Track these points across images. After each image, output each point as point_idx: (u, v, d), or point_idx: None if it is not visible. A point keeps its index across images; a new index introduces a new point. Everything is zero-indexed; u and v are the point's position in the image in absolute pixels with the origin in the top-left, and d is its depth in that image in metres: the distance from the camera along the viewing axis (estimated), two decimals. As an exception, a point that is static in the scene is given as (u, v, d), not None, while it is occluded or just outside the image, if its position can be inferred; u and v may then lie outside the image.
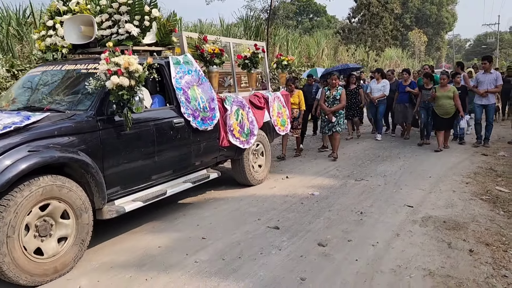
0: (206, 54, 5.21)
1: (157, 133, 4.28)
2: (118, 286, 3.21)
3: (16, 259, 3.03)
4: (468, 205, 4.92)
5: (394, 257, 3.58)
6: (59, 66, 4.42)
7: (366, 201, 5.21)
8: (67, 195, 3.34)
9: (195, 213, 4.94)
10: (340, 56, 27.36)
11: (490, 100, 8.60)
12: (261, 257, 3.67)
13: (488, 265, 3.41)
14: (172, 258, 3.71)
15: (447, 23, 57.21)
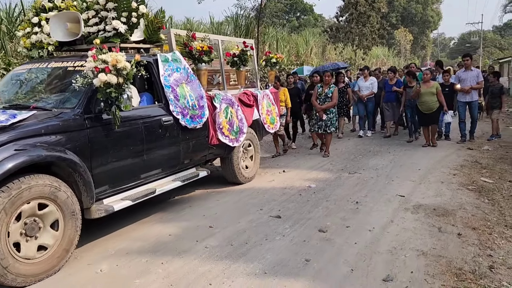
0: (194, 52, 5.18)
1: (145, 132, 4.23)
2: (136, 269, 3.45)
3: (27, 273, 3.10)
4: (456, 194, 5.25)
5: (390, 240, 3.88)
6: (45, 64, 4.37)
7: (361, 192, 5.50)
8: (56, 195, 3.31)
9: (200, 205, 5.19)
10: (328, 54, 27.72)
11: (473, 97, 8.70)
12: (266, 243, 3.93)
13: (475, 246, 3.73)
14: (183, 244, 3.95)
15: (432, 21, 58.12)
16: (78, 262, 3.63)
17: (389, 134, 9.99)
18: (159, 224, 4.52)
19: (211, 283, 3.16)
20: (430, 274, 3.20)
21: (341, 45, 29.79)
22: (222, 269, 3.38)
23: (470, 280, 3.11)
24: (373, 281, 3.11)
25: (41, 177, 3.24)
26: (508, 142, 8.82)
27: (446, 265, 3.35)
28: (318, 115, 7.90)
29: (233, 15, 20.90)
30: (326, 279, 3.18)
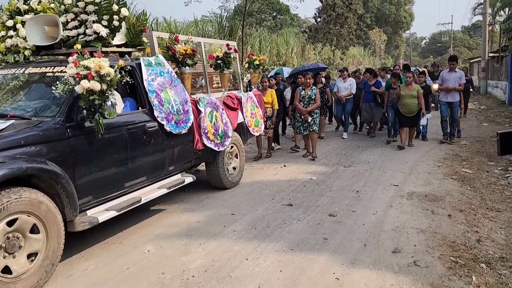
0: (178, 55, 5.04)
1: (130, 139, 4.07)
2: (179, 249, 3.89)
3: None
4: (442, 183, 5.91)
5: (392, 221, 4.47)
6: (21, 69, 4.12)
7: (359, 183, 6.09)
8: (36, 209, 3.11)
9: (216, 196, 5.58)
10: (308, 54, 28.42)
11: (455, 97, 8.81)
12: (285, 226, 4.46)
13: (463, 225, 4.36)
14: (213, 229, 4.38)
15: (405, 22, 59.87)
16: (124, 246, 4.01)
17: (374, 134, 10.08)
18: (186, 213, 4.94)
19: (247, 258, 3.66)
20: (430, 246, 3.80)
21: (319, 45, 30.60)
22: (253, 248, 3.90)
23: (462, 250, 3.72)
24: (384, 253, 3.69)
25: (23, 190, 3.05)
26: (483, 137, 9.57)
27: (442, 239, 3.96)
28: (303, 117, 7.85)
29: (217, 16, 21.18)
30: (344, 253, 3.73)
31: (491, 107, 16.29)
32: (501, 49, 19.53)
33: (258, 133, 6.90)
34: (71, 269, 3.55)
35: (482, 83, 23.05)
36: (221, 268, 3.47)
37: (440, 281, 3.14)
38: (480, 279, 3.18)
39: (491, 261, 3.48)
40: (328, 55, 30.32)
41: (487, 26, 22.94)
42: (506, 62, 17.42)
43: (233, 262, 3.57)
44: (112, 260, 3.71)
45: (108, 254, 3.84)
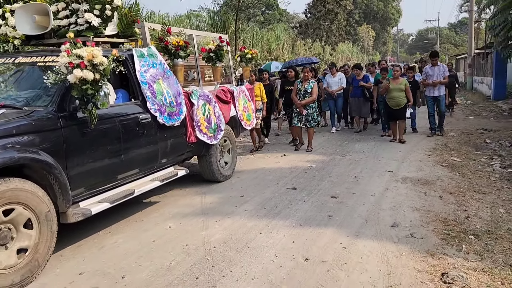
0: (170, 47, 4.98)
1: (123, 130, 4.03)
2: (197, 226, 4.24)
3: None
4: (433, 170, 6.36)
5: (389, 201, 4.88)
6: (11, 59, 4.02)
7: (356, 169, 6.50)
8: (27, 199, 3.06)
9: (223, 182, 5.97)
10: (298, 50, 28.80)
11: (441, 91, 8.98)
12: (292, 206, 4.84)
13: (454, 205, 4.79)
14: (226, 209, 4.75)
15: (392, 18, 60.74)
16: (146, 223, 4.36)
17: (359, 129, 10.12)
18: (198, 196, 5.29)
19: (261, 233, 4.03)
20: (424, 222, 4.23)
21: (309, 40, 30.99)
22: (265, 224, 4.27)
23: (453, 225, 4.15)
24: (384, 227, 4.10)
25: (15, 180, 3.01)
26: (469, 129, 10.09)
27: (435, 216, 4.39)
28: (298, 110, 7.94)
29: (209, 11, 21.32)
30: (348, 227, 4.13)
31: (477, 102, 16.90)
32: (486, 46, 20.17)
33: (250, 127, 6.90)
34: (101, 242, 3.89)
35: (468, 79, 23.73)
36: (239, 240, 3.84)
37: (435, 249, 3.56)
38: (469, 247, 3.61)
39: (479, 234, 3.90)
40: (318, 51, 30.76)
41: (473, 23, 23.59)
42: (491, 59, 18.06)
43: (249, 236, 3.95)
44: (138, 235, 4.05)
45: (132, 229, 4.19)
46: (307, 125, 7.97)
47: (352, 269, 3.23)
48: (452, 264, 3.28)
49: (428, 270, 3.20)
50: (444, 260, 3.35)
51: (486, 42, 20.98)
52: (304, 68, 8.43)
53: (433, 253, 3.48)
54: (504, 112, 13.39)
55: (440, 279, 3.05)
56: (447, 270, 3.17)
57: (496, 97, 16.74)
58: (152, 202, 5.05)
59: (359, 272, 3.18)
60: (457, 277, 3.05)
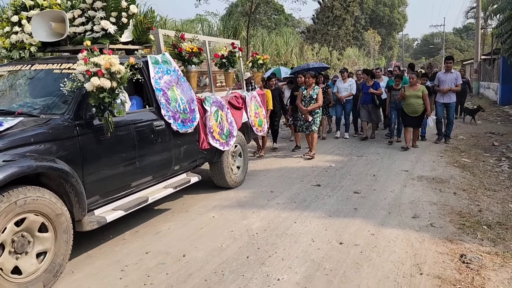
0: (184, 53, 5.00)
1: (137, 137, 4.04)
2: (237, 216, 4.72)
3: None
4: (446, 169, 6.83)
5: (408, 196, 5.35)
6: (27, 66, 4.04)
7: (373, 169, 6.97)
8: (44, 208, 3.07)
9: (252, 179, 6.37)
10: (306, 55, 29.27)
11: (451, 98, 8.92)
12: (319, 200, 5.32)
13: (467, 200, 5.26)
14: (259, 202, 5.22)
15: (398, 24, 61.22)
16: (190, 213, 4.86)
17: (365, 135, 9.88)
18: (231, 191, 5.74)
19: (295, 222, 4.52)
20: (442, 214, 4.70)
21: (317, 45, 31.48)
22: (298, 215, 4.75)
23: (468, 217, 4.62)
24: (406, 218, 4.57)
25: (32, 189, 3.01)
26: (477, 133, 10.53)
27: (451, 209, 4.86)
28: (304, 117, 7.98)
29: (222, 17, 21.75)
30: (373, 218, 4.60)
31: (484, 107, 17.30)
32: (493, 52, 20.62)
33: (262, 133, 6.92)
34: (156, 228, 4.39)
35: (474, 84, 24.12)
36: (277, 228, 4.33)
37: (453, 236, 4.03)
38: (483, 235, 4.07)
39: (491, 224, 4.37)
40: (326, 56, 31.24)
41: (479, 29, 24.01)
42: (498, 65, 18.49)
43: (285, 224, 4.44)
44: (186, 223, 4.55)
45: (180, 219, 4.68)
46: (309, 129, 7.95)
47: (382, 251, 3.71)
48: (469, 248, 3.74)
49: (448, 252, 3.67)
50: (462, 245, 3.82)
51: (493, 48, 21.43)
52: (306, 74, 8.36)
53: (451, 240, 3.94)
54: (510, 116, 13.84)
55: (459, 260, 3.52)
56: (464, 253, 3.63)
57: (502, 102, 17.16)
58: (191, 196, 5.53)
59: (389, 253, 3.65)
60: (474, 258, 3.52)
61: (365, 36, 52.02)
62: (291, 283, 3.18)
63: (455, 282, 3.15)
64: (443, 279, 3.19)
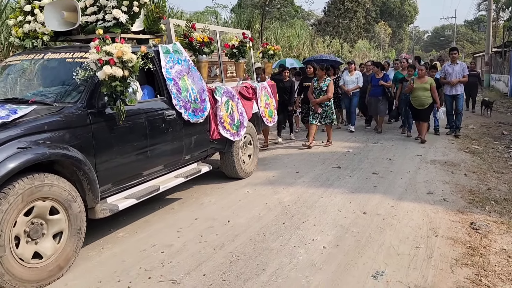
0: (195, 43, 4.98)
1: (149, 126, 4.06)
2: (269, 191, 5.26)
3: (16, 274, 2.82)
4: (457, 154, 7.31)
5: (423, 177, 5.85)
6: (40, 55, 4.08)
7: (389, 153, 7.46)
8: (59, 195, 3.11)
9: (276, 162, 6.95)
10: (317, 47, 29.54)
11: (459, 90, 8.92)
12: (341, 179, 5.84)
13: (476, 180, 5.74)
14: (287, 180, 5.77)
15: (409, 16, 61.03)
16: (226, 189, 5.41)
17: (380, 130, 9.74)
18: (259, 171, 6.29)
19: (322, 197, 5.06)
20: (454, 191, 5.21)
21: (328, 38, 31.79)
22: (323, 191, 5.29)
23: (477, 194, 5.11)
24: (421, 194, 5.08)
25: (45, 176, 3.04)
26: (487, 123, 10.92)
27: (462, 187, 5.36)
28: (313, 108, 8.06)
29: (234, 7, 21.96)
30: (392, 194, 5.11)
31: (494, 99, 17.62)
32: (504, 44, 20.84)
33: (272, 124, 6.90)
34: (199, 201, 4.97)
35: (485, 76, 24.36)
36: (306, 201, 4.88)
37: (463, 209, 4.54)
38: (491, 208, 4.58)
39: (498, 200, 4.86)
40: (337, 48, 31.52)
41: (491, 22, 24.18)
42: (509, 57, 18.75)
43: (313, 198, 4.98)
44: (225, 197, 5.12)
45: (218, 194, 5.25)
46: (322, 122, 8.13)
47: (401, 218, 4.24)
48: (478, 218, 4.26)
49: (459, 220, 4.19)
50: (471, 215, 4.34)
51: (504, 41, 21.65)
52: (318, 66, 8.46)
53: (462, 211, 4.46)
54: (520, 108, 14.19)
55: (469, 226, 4.04)
56: (474, 221, 4.15)
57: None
58: (221, 179, 5.99)
59: (407, 220, 4.19)
60: (482, 225, 4.04)
61: (375, 28, 52.05)
62: (324, 242, 3.73)
63: (466, 242, 3.67)
64: (455, 240, 3.72)
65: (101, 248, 3.72)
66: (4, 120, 2.94)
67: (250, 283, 3.05)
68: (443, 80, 9.05)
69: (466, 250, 3.51)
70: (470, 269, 3.20)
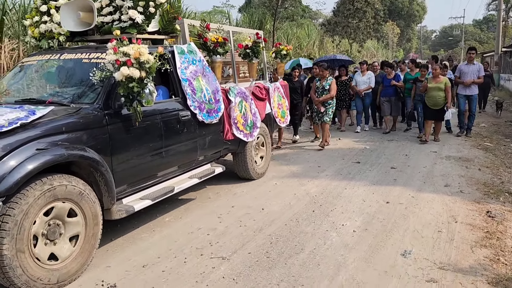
0: (209, 43, 4.99)
1: (164, 127, 4.05)
2: (296, 183, 5.64)
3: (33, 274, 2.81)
4: (470, 151, 7.64)
5: (439, 171, 6.20)
6: (56, 55, 4.08)
7: (404, 150, 7.78)
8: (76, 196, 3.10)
9: (298, 157, 7.32)
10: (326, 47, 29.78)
11: (474, 90, 8.83)
12: (362, 173, 6.19)
13: (490, 174, 6.06)
14: (311, 173, 6.15)
15: (417, 15, 61.06)
16: (255, 182, 5.77)
17: (388, 130, 9.77)
18: (283, 166, 6.69)
19: (346, 188, 5.43)
20: (469, 184, 5.55)
21: (337, 38, 32.06)
22: (346, 183, 5.65)
23: (491, 186, 5.44)
24: (439, 186, 5.43)
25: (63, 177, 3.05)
26: (498, 122, 11.22)
27: (476, 181, 5.69)
28: (316, 107, 8.11)
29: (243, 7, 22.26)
30: (411, 186, 5.45)
31: (504, 98, 17.86)
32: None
33: (285, 124, 6.94)
34: (232, 191, 5.38)
35: (495, 76, 24.55)
36: (332, 192, 5.25)
37: (479, 199, 4.88)
38: (505, 199, 4.91)
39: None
40: (346, 48, 31.76)
41: (501, 22, 24.36)
42: (519, 57, 18.95)
43: (337, 190, 5.35)
44: (255, 188, 5.52)
45: (248, 186, 5.64)
46: (321, 120, 8.06)
47: (423, 207, 4.61)
48: (493, 207, 4.60)
49: (476, 209, 4.54)
50: (487, 205, 4.68)
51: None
52: (320, 66, 8.42)
53: (478, 201, 4.81)
54: (530, 107, 14.44)
55: (485, 214, 4.39)
56: (490, 210, 4.50)
57: (522, 93, 17.65)
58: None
59: (428, 209, 4.55)
60: (498, 213, 4.39)
61: (384, 28, 52.11)
62: (354, 227, 4.10)
63: (483, 228, 4.03)
64: (473, 225, 4.08)
65: (152, 230, 4.13)
66: (23, 121, 2.94)
67: (292, 260, 3.43)
68: (457, 80, 9.00)
69: (484, 234, 3.86)
70: (488, 250, 3.55)
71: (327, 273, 3.21)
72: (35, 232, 2.87)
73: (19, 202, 2.74)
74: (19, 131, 2.89)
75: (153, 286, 3.08)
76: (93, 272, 3.29)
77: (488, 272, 3.17)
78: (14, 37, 8.63)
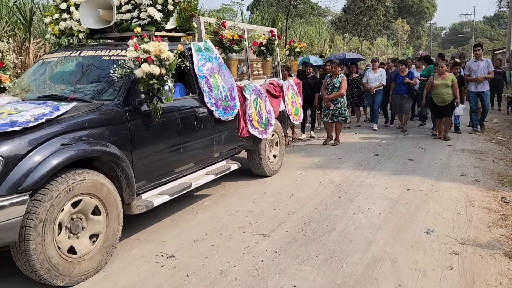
0: (225, 41, 5.07)
1: (182, 124, 4.12)
2: (319, 173, 6.02)
3: (51, 258, 2.87)
4: (484, 144, 7.96)
5: (455, 162, 6.54)
6: (76, 52, 4.14)
7: (420, 144, 8.13)
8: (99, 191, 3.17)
9: (318, 150, 7.69)
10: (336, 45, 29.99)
11: (485, 87, 8.85)
12: (381, 164, 6.56)
13: (504, 166, 6.37)
14: (332, 164, 6.55)
15: (427, 12, 60.92)
16: (281, 171, 6.13)
17: (405, 128, 9.60)
18: (305, 158, 7.08)
19: (367, 177, 5.79)
20: (484, 174, 5.89)
21: (348, 35, 32.29)
22: (367, 173, 6.02)
23: (505, 176, 5.75)
24: (456, 176, 5.78)
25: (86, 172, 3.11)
26: (510, 118, 11.46)
27: (491, 171, 6.02)
28: (326, 104, 8.13)
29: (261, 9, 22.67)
30: (429, 176, 5.78)
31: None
32: (525, 41, 21.13)
33: (298, 122, 7.06)
34: (262, 180, 5.78)
35: (506, 73, 24.65)
36: (354, 181, 5.62)
37: (494, 187, 5.22)
38: (518, 187, 5.28)
39: (525, 182, 5.56)
40: (356, 45, 31.99)
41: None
42: (531, 54, 19.06)
43: (360, 179, 5.72)
44: (282, 176, 5.91)
45: (276, 175, 6.02)
46: (333, 119, 8.11)
47: (442, 193, 4.97)
48: (508, 194, 4.93)
49: (492, 196, 4.88)
50: (502, 192, 5.02)
51: (526, 38, 21.89)
52: (332, 63, 8.40)
53: (493, 189, 5.15)
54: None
55: (500, 200, 4.73)
56: (504, 196, 4.84)
57: (534, 90, 17.79)
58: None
59: (447, 195, 4.91)
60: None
61: (394, 25, 52.10)
62: (378, 210, 4.48)
63: (499, 211, 4.38)
64: (490, 209, 4.43)
65: (195, 212, 4.55)
66: (48, 117, 2.99)
67: (326, 237, 3.82)
68: (467, 77, 8.98)
69: (500, 216, 4.22)
70: (504, 229, 3.91)
71: (359, 247, 3.59)
72: (60, 220, 2.96)
73: (45, 195, 2.82)
74: (44, 127, 2.95)
75: (206, 256, 3.48)
76: (151, 245, 3.71)
77: (504, 247, 3.52)
78: (40, 36, 8.99)
